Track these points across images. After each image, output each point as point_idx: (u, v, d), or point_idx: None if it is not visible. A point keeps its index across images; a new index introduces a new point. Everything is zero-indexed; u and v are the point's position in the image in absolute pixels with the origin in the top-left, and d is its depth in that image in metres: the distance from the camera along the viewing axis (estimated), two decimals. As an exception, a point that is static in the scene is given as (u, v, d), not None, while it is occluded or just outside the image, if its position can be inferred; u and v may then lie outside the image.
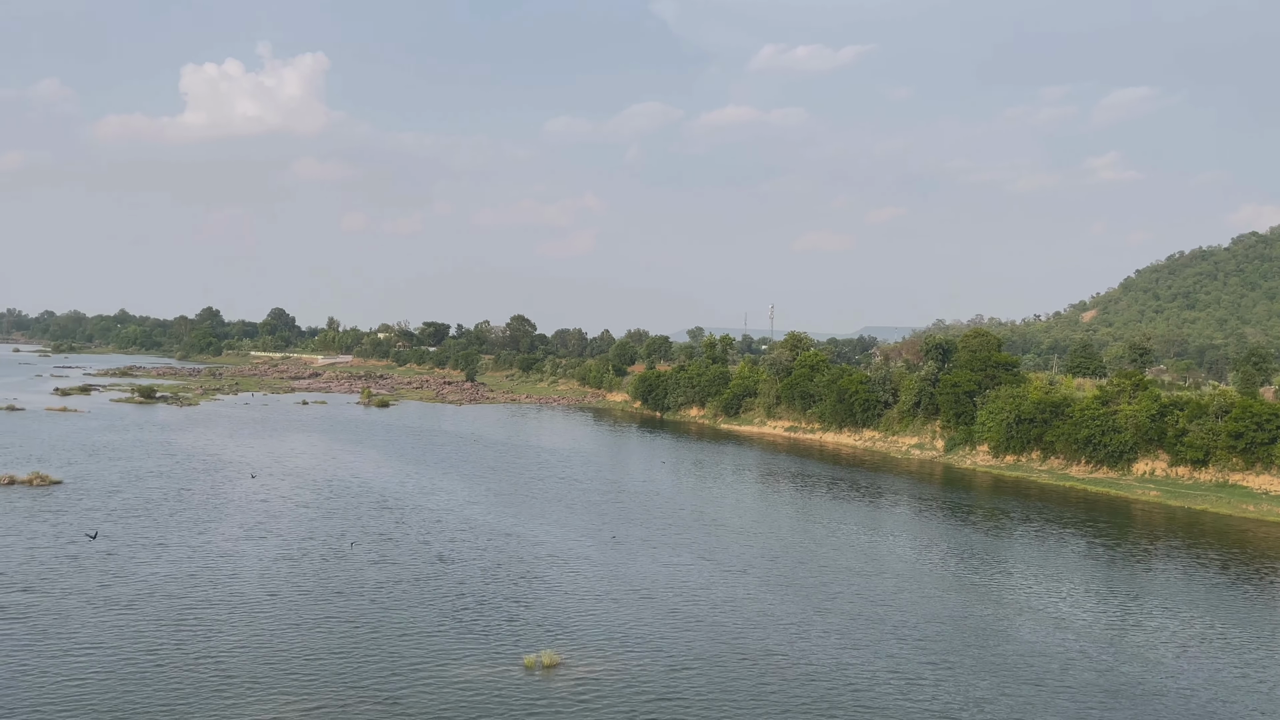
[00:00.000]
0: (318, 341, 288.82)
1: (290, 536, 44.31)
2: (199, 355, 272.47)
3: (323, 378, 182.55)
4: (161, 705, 24.23)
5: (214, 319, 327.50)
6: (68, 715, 23.36)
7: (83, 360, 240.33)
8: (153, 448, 73.08)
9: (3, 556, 37.89)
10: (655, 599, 36.49)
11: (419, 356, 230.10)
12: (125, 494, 52.73)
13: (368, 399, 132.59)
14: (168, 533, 43.72)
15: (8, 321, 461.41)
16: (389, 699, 25.36)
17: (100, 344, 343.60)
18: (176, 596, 33.65)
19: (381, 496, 56.00)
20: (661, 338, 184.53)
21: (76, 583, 34.75)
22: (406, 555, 41.54)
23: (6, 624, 29.78)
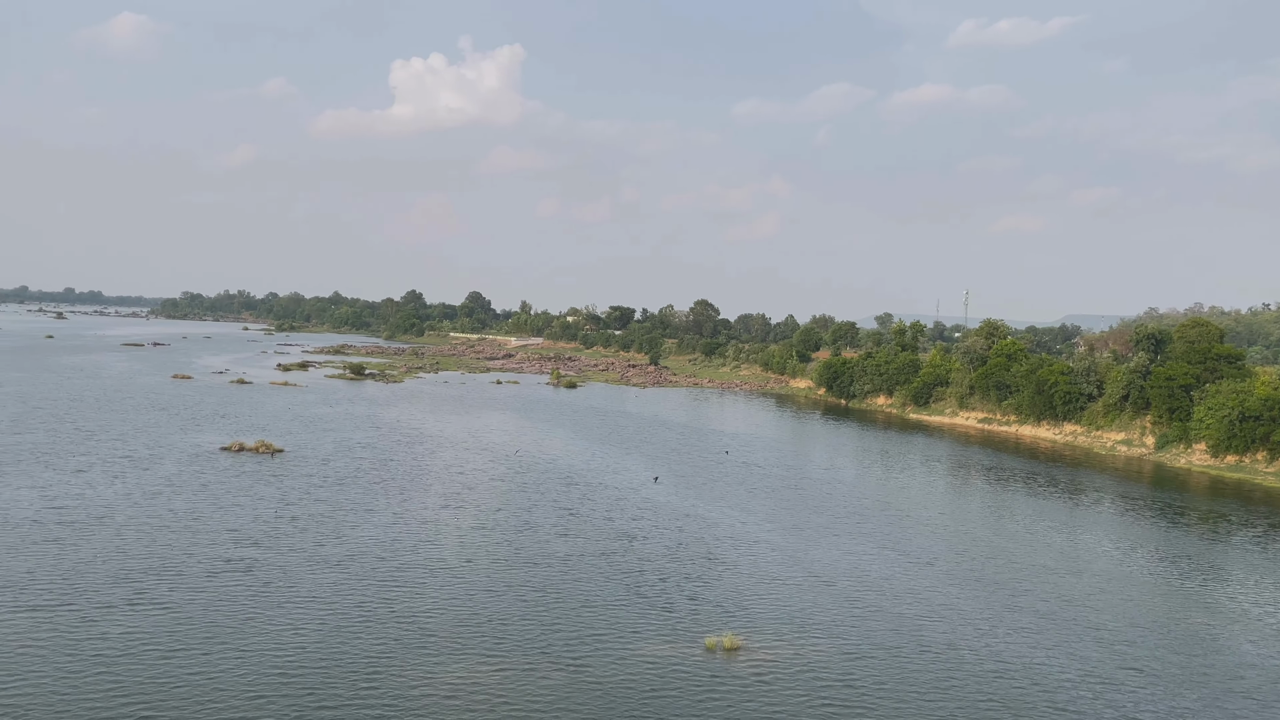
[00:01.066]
0: (511, 324, 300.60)
1: (485, 507, 46.64)
2: (403, 335, 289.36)
3: (515, 359, 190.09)
4: (369, 657, 26.18)
5: (417, 301, 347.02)
6: (288, 659, 25.62)
7: (301, 339, 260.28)
8: (361, 421, 78.49)
9: (236, 515, 41.83)
10: (836, 586, 36.11)
11: (605, 340, 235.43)
12: (337, 462, 56.95)
13: (556, 380, 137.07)
14: (374, 499, 46.96)
15: (238, 302, 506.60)
16: (575, 667, 26.36)
17: (316, 323, 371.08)
18: (383, 558, 36.16)
19: (568, 473, 57.94)
20: (848, 324, 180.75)
21: (296, 541, 37.94)
22: (591, 530, 42.88)
23: (238, 575, 32.93)
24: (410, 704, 23.34)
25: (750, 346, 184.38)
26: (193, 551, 35.46)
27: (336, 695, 23.56)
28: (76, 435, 62.04)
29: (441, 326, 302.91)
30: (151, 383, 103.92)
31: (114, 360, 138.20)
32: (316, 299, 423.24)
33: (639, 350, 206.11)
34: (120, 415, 73.76)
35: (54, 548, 34.83)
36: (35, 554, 33.89)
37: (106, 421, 69.58)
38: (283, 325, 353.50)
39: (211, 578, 32.39)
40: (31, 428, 64.43)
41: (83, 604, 28.94)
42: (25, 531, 36.85)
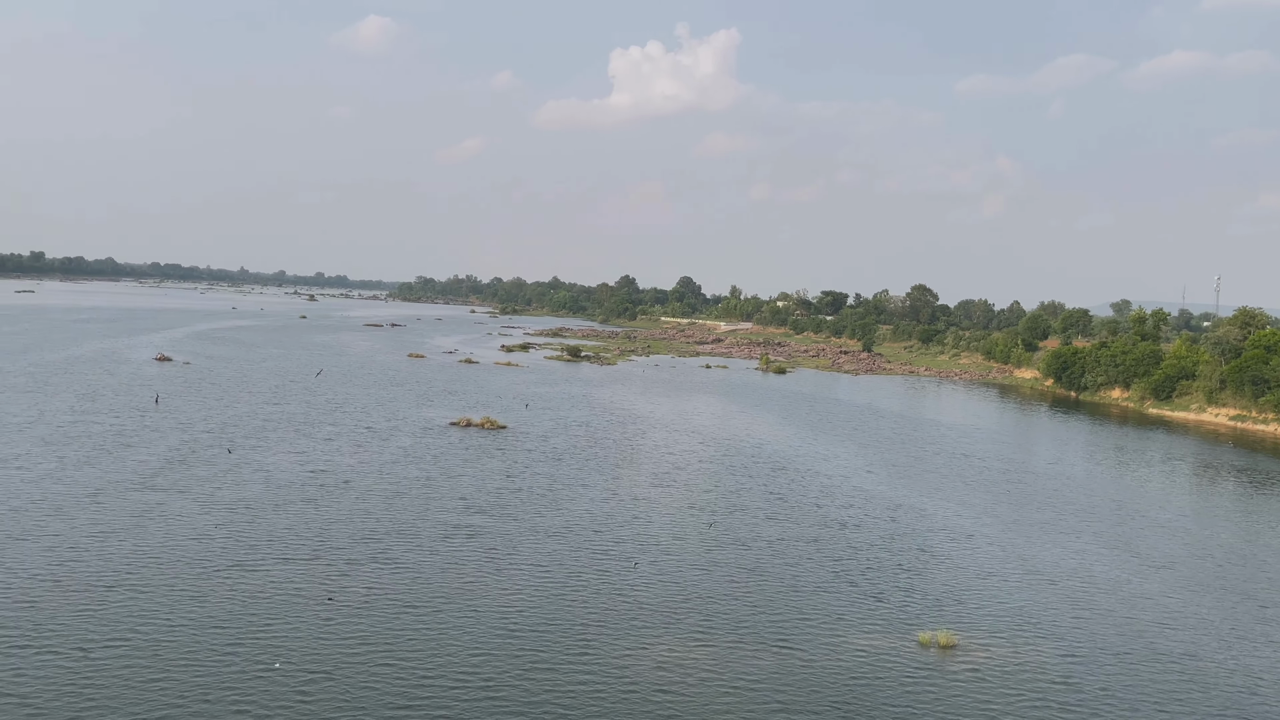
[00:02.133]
0: (720, 308, 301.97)
1: (694, 488, 47.40)
2: (617, 319, 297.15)
3: (724, 343, 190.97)
4: (582, 624, 27.35)
5: (630, 286, 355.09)
6: (509, 621, 27.19)
7: (523, 321, 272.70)
8: (577, 400, 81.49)
9: (464, 484, 44.65)
10: (1059, 585, 34.22)
11: (816, 325, 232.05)
12: (555, 439, 59.47)
13: (766, 365, 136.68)
14: (589, 475, 48.75)
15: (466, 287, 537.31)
16: (783, 649, 26.45)
17: (537, 307, 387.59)
18: (597, 531, 37.57)
19: (777, 458, 57.82)
20: (1079, 310, 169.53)
21: (517, 511, 40.07)
22: (800, 515, 42.69)
23: (466, 540, 35.20)
24: (621, 672, 24.22)
25: (971, 334, 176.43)
26: (426, 516, 38.22)
27: (553, 657, 24.80)
28: (326, 407, 68.05)
29: (653, 311, 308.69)
30: (389, 361, 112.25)
31: (357, 339, 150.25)
32: (537, 284, 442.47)
33: (851, 336, 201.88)
34: (362, 390, 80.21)
35: (309, 508, 38.51)
36: (294, 513, 37.60)
37: (351, 395, 75.88)
38: (506, 308, 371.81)
39: (443, 541, 34.82)
40: (289, 399, 71.26)
41: (333, 559, 31.86)
42: (286, 492, 40.92)
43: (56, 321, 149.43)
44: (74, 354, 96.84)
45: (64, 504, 36.40)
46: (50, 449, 46.57)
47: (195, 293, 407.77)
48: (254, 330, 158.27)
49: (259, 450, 49.74)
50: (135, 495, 38.53)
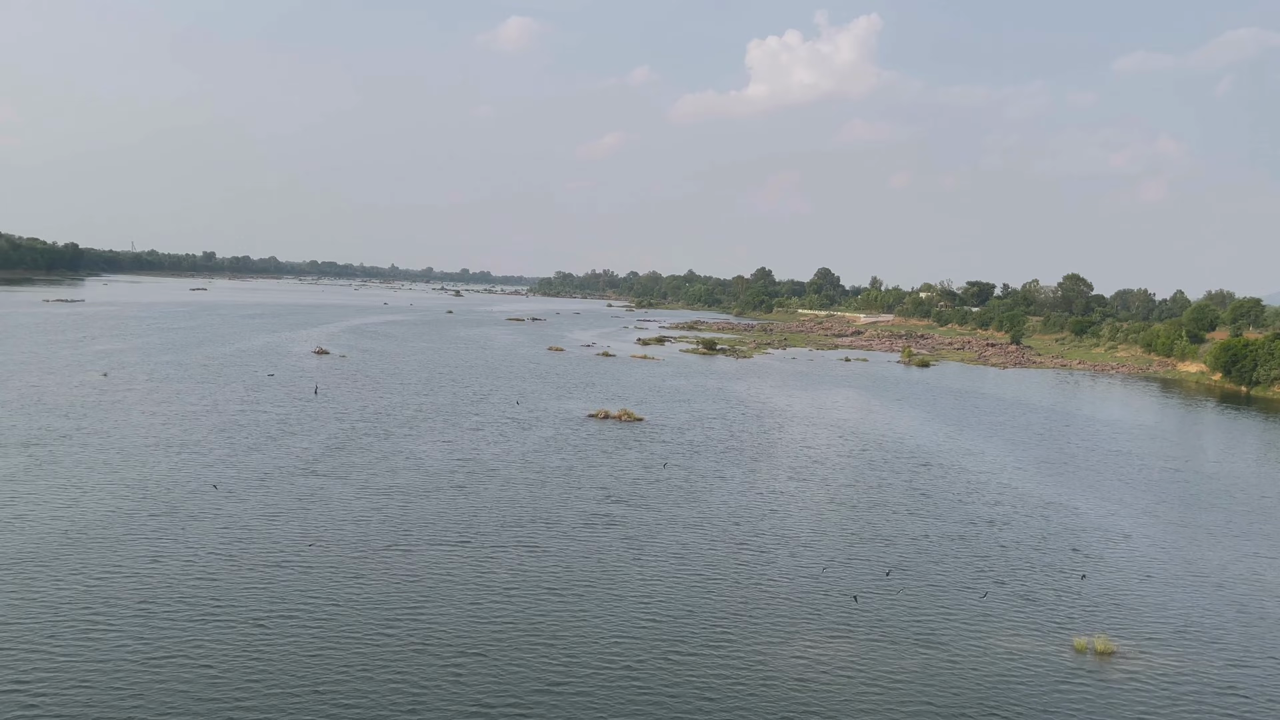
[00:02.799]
0: (860, 300, 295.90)
1: (834, 482, 46.80)
2: (752, 312, 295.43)
3: (864, 336, 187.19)
4: (721, 615, 27.50)
5: (766, 278, 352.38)
6: (648, 608, 27.60)
7: (658, 315, 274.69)
8: (713, 394, 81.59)
9: (603, 475, 45.48)
10: (1225, 590, 32.23)
11: (961, 317, 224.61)
12: (691, 432, 59.78)
13: (908, 358, 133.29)
14: (725, 468, 48.83)
15: (603, 281, 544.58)
16: (928, 648, 25.91)
17: (672, 300, 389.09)
18: (735, 523, 37.64)
19: (920, 453, 56.43)
20: (1251, 300, 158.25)
21: (655, 501, 40.53)
22: (945, 512, 41.58)
23: (607, 529, 35.89)
24: (760, 664, 24.25)
25: (1129, 325, 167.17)
26: (567, 504, 39.15)
27: (692, 645, 25.04)
28: (472, 398, 70.43)
29: (789, 303, 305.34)
30: (530, 354, 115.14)
31: (500, 333, 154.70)
32: (672, 277, 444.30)
33: (998, 328, 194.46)
34: (505, 382, 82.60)
35: (458, 494, 40.04)
36: (443, 499, 39.17)
37: (495, 387, 78.28)
38: (641, 302, 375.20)
39: (584, 528, 35.62)
40: (438, 390, 74.11)
41: (480, 544, 33.05)
42: (436, 479, 42.65)
43: (226, 317, 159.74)
44: (242, 347, 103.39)
45: (236, 487, 39.03)
46: (223, 436, 49.97)
47: (349, 289, 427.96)
48: (404, 325, 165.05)
49: (410, 439, 51.98)
50: (299, 480, 40.95)
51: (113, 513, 34.28)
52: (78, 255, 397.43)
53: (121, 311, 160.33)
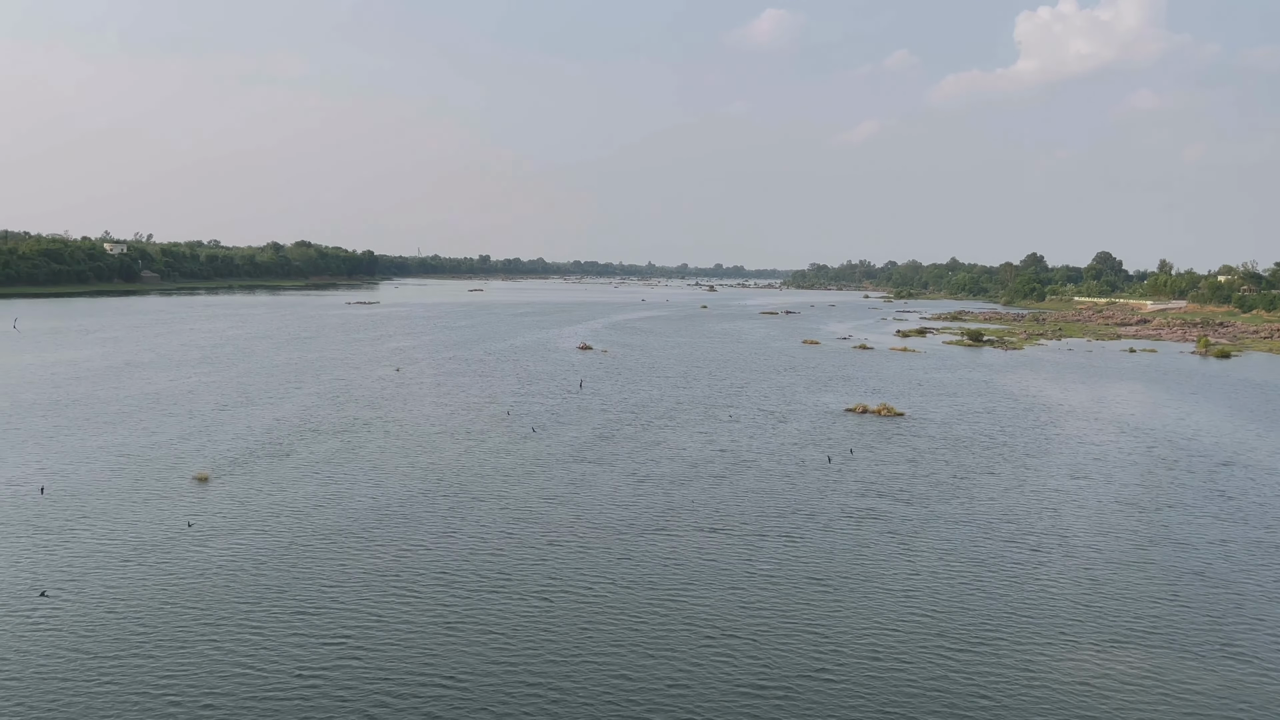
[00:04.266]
0: (1146, 286, 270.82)
1: (1118, 482, 43.42)
2: (1022, 301, 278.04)
3: (1151, 325, 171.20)
4: (992, 613, 26.40)
5: (1037, 265, 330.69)
6: (909, 602, 26.99)
7: (918, 305, 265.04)
8: (978, 387, 77.85)
9: (862, 469, 44.81)
10: None
11: (1269, 302, 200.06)
12: (957, 427, 57.45)
13: (1204, 348, 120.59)
14: (995, 464, 46.58)
15: (859, 272, 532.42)
16: (1232, 661, 23.63)
17: (933, 290, 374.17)
18: (1004, 521, 35.88)
19: (1219, 451, 51.11)
20: None
21: (919, 496, 39.43)
22: (1251, 516, 37.51)
23: (867, 522, 35.41)
24: (1036, 670, 23.08)
25: None
26: (826, 497, 38.95)
27: (959, 644, 24.25)
28: (727, 391, 71.45)
29: (1064, 290, 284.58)
30: (784, 347, 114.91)
31: (753, 327, 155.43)
32: (934, 266, 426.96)
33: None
34: (759, 375, 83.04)
35: (717, 483, 40.92)
36: (702, 487, 40.16)
37: (749, 380, 78.92)
38: (900, 292, 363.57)
39: (843, 521, 35.32)
40: (695, 383, 75.79)
41: (742, 531, 33.65)
42: (695, 469, 43.79)
43: (499, 316, 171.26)
44: (514, 344, 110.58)
45: (514, 472, 42.01)
46: (501, 425, 53.83)
47: (610, 286, 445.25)
48: (661, 320, 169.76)
49: (670, 430, 53.61)
50: (570, 466, 43.43)
51: (412, 493, 37.97)
52: (373, 262, 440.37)
53: (410, 312, 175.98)
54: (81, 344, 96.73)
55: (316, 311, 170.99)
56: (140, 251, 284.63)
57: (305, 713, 19.86)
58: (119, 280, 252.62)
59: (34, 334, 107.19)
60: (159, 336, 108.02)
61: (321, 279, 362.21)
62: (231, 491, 37.24)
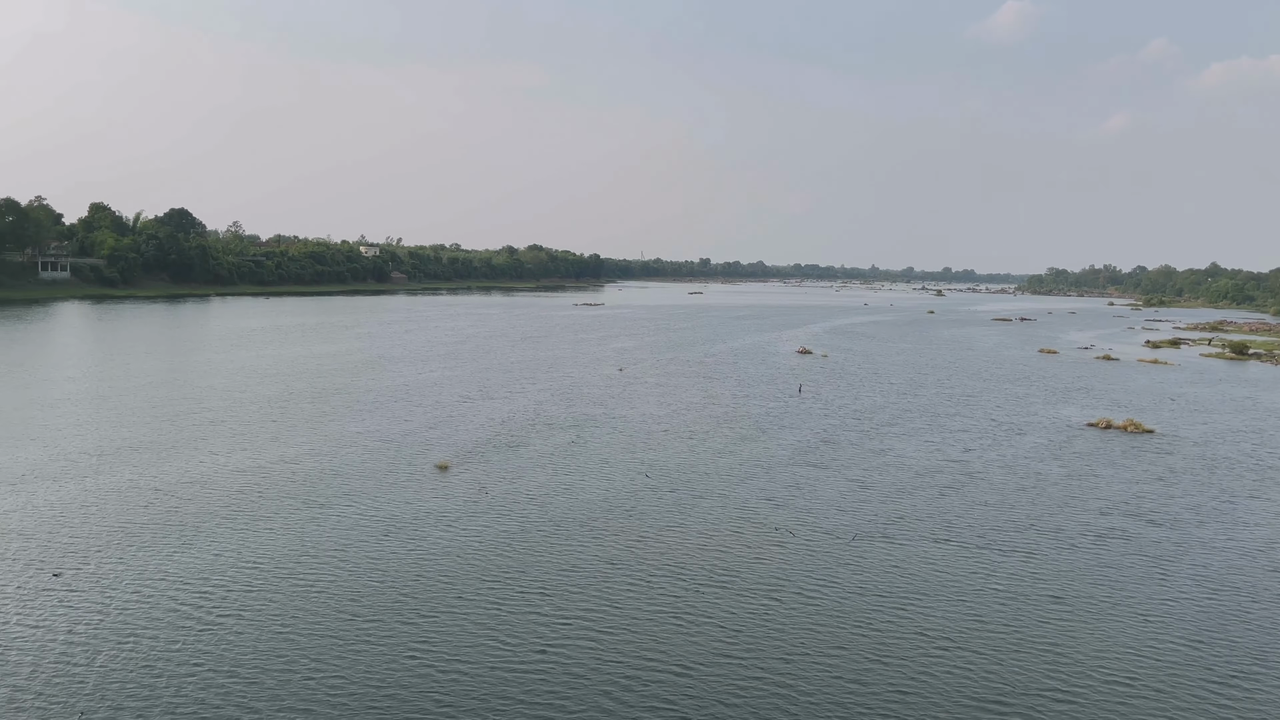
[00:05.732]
0: None
1: None
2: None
3: None
4: (1271, 653, 24.11)
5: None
6: (1163, 630, 25.05)
7: (1171, 314, 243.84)
8: (1241, 404, 70.80)
9: (1106, 487, 41.95)
10: None
11: None
12: (1215, 447, 52.58)
13: None
14: (1263, 489, 42.32)
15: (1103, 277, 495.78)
16: None
17: (1189, 298, 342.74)
18: (1277, 552, 32.61)
19: None
20: None
21: (1174, 519, 36.46)
22: None
23: (1118, 542, 33.15)
24: None
25: None
26: (1065, 514, 36.78)
27: (1215, 680, 22.33)
28: (956, 400, 68.76)
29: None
30: (1018, 355, 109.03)
31: (984, 334, 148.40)
32: (1190, 271, 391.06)
33: None
34: (991, 384, 79.30)
35: (945, 494, 39.60)
36: (928, 498, 38.97)
37: (979, 389, 75.54)
38: (1150, 300, 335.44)
39: (1088, 540, 33.25)
40: (920, 391, 73.46)
41: (973, 544, 32.39)
42: (920, 478, 42.56)
43: (718, 318, 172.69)
44: (733, 346, 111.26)
45: (735, 473, 42.44)
46: (721, 426, 54.43)
47: (831, 290, 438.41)
48: (884, 325, 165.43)
49: (893, 437, 52.31)
50: (789, 469, 43.34)
51: (638, 488, 39.21)
52: (599, 264, 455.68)
53: (632, 314, 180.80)
54: (341, 338, 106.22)
55: (546, 312, 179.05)
56: (391, 254, 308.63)
57: (550, 686, 21.03)
58: (372, 280, 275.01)
59: (302, 329, 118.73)
60: (407, 333, 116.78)
61: (551, 281, 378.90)
62: (470, 479, 39.83)
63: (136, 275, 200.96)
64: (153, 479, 38.18)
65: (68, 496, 35.17)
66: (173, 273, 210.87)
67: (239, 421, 51.43)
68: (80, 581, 26.44)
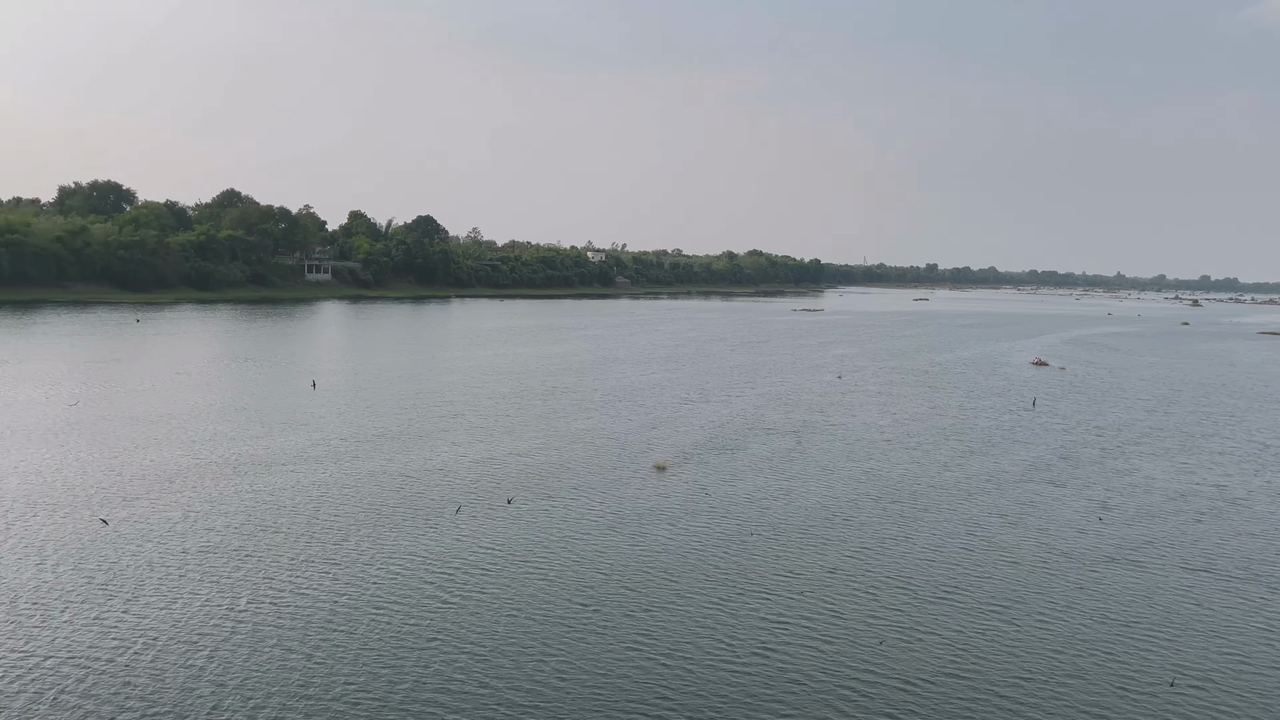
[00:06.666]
0: None
1: None
2: None
3: None
4: None
5: None
6: None
7: None
8: None
9: (1400, 522, 37.08)
10: None
11: None
12: None
13: None
14: None
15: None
16: None
17: None
18: None
19: None
20: None
21: None
22: None
23: (1406, 588, 29.30)
24: None
25: None
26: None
27: None
28: (1213, 420, 62.78)
29: None
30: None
31: (1250, 349, 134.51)
32: None
33: None
34: (1256, 405, 71.82)
35: (1200, 519, 36.28)
36: (1178, 524, 35.83)
37: (1242, 410, 68.56)
38: None
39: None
40: (1171, 409, 67.61)
41: (1236, 576, 29.54)
42: (1171, 503, 39.19)
43: (945, 326, 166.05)
44: (960, 356, 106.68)
45: (964, 487, 40.76)
46: (945, 437, 52.38)
47: (1070, 299, 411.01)
48: (1130, 337, 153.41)
49: (1138, 457, 48.48)
50: (1025, 486, 41.10)
51: (859, 497, 38.49)
52: (819, 270, 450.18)
53: (853, 320, 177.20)
54: (568, 339, 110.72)
55: (764, 317, 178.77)
56: (615, 259, 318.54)
57: (770, 690, 21.12)
58: (597, 284, 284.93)
59: (532, 330, 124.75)
60: (631, 335, 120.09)
61: (770, 286, 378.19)
62: (689, 479, 40.45)
63: (387, 277, 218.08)
64: (401, 465, 41.38)
65: (328, 478, 38.74)
66: (418, 275, 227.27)
67: (476, 415, 54.75)
68: (340, 556, 29.09)
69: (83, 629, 22.89)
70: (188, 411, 52.86)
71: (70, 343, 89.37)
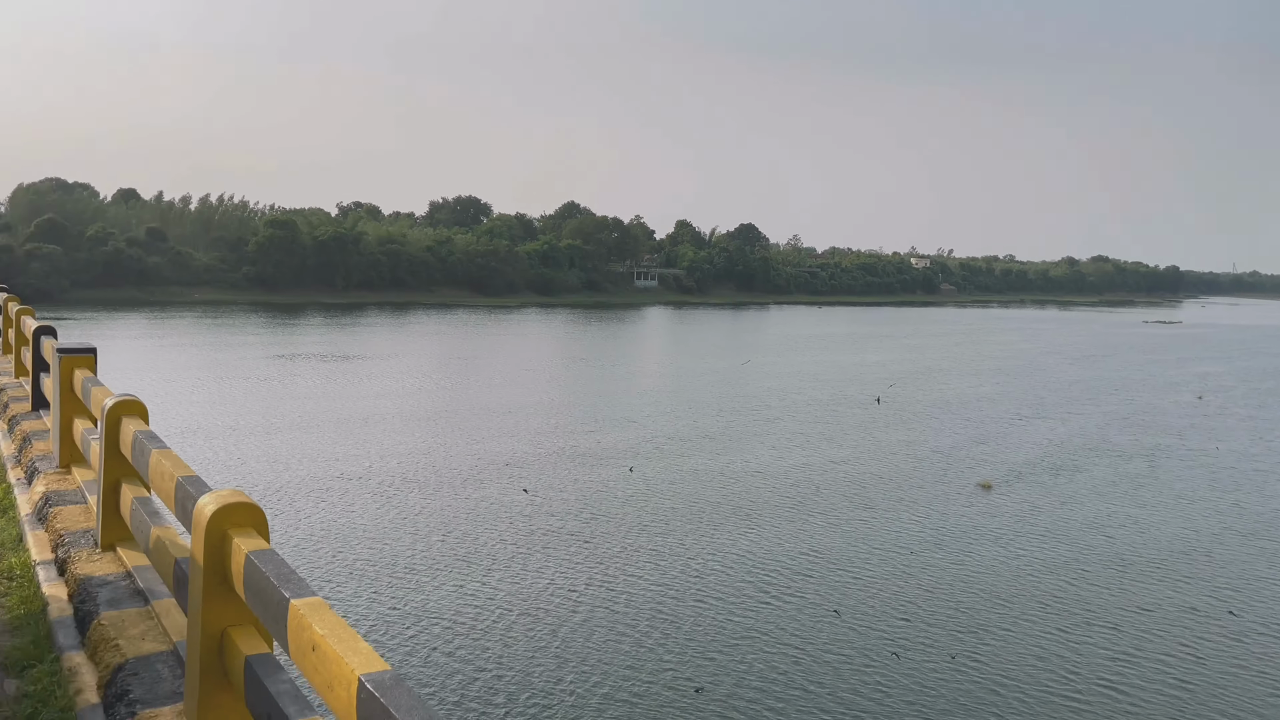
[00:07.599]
0: None
1: None
2: None
3: None
4: None
5: None
6: None
7: None
8: None
9: None
10: None
11: None
12: None
13: None
14: None
15: None
16: None
17: None
18: None
19: None
20: None
21: None
22: None
23: None
24: None
25: None
26: None
27: None
28: None
29: None
30: None
31: None
32: None
33: None
34: None
35: None
36: None
37: None
38: None
39: None
40: None
41: None
42: None
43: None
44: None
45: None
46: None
47: None
48: None
49: None
50: None
51: (1225, 530, 34.37)
52: (1177, 278, 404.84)
53: (1218, 334, 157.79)
54: (889, 348, 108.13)
55: (1108, 329, 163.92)
56: (941, 266, 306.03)
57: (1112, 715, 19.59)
58: (920, 292, 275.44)
59: (851, 337, 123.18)
60: (957, 345, 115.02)
61: (1115, 295, 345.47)
62: (1018, 500, 38.09)
63: (709, 284, 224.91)
64: (722, 466, 42.59)
65: (656, 474, 40.71)
66: (738, 282, 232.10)
67: (794, 420, 55.04)
68: (666, 548, 30.53)
69: (450, 595, 25.84)
70: (532, 405, 57.78)
71: (437, 340, 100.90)
